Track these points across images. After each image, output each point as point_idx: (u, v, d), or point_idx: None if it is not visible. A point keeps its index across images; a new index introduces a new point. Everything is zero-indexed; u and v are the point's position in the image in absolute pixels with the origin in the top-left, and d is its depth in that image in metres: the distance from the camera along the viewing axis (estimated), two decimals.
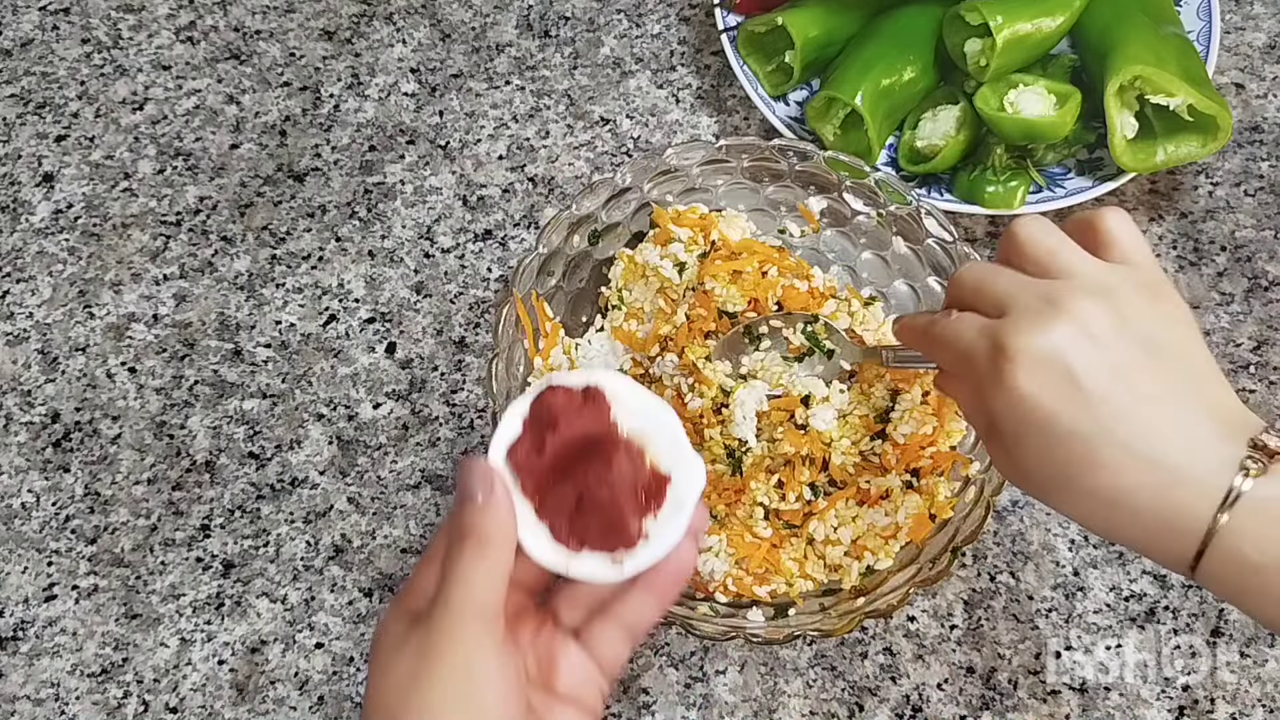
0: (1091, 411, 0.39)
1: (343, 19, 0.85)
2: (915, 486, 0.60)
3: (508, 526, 0.40)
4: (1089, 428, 0.39)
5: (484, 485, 0.40)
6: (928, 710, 0.61)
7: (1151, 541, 0.40)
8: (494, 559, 0.39)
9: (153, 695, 0.63)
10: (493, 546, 0.39)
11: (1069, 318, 0.40)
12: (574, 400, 0.43)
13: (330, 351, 0.72)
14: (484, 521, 0.39)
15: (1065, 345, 0.40)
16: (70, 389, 0.71)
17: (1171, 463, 0.39)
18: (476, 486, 0.40)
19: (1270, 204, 0.76)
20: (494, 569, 0.39)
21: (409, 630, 0.39)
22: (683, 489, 0.42)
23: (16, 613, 0.65)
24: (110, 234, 0.77)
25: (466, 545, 0.39)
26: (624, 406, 0.43)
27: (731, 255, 0.62)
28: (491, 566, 0.39)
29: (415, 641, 0.39)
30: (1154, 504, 0.39)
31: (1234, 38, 0.82)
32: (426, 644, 0.38)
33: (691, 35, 0.84)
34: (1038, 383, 0.40)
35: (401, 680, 0.38)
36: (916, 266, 0.65)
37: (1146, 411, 0.39)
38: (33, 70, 0.83)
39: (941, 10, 0.74)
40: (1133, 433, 0.39)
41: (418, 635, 0.39)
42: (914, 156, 0.74)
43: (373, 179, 0.79)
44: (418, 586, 0.41)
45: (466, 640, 0.38)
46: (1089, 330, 0.40)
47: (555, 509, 0.41)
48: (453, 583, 0.39)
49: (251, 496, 0.68)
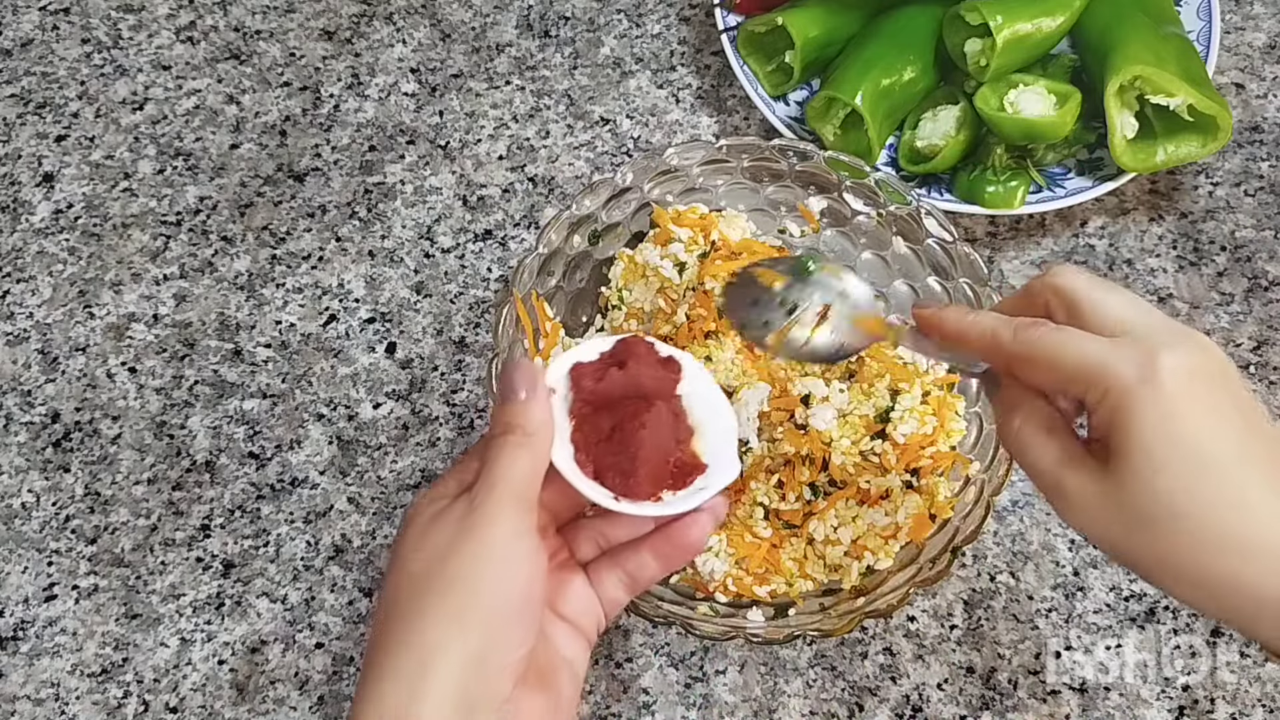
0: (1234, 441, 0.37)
1: (343, 19, 0.85)
2: (915, 486, 0.60)
3: (547, 423, 0.42)
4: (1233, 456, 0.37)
5: (527, 383, 0.42)
6: (928, 710, 0.61)
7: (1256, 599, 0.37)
8: (534, 450, 0.42)
9: (153, 695, 0.63)
10: (534, 439, 0.42)
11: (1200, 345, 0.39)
12: (652, 355, 0.46)
13: (330, 351, 0.72)
14: (527, 416, 0.42)
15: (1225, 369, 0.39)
16: (70, 389, 0.71)
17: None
18: (520, 384, 0.42)
19: (1270, 204, 0.76)
20: (534, 460, 0.42)
21: (448, 507, 0.42)
22: (711, 481, 0.45)
23: (16, 613, 0.65)
24: (110, 234, 0.77)
25: (510, 438, 0.42)
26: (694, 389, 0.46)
27: (731, 255, 0.62)
28: (532, 457, 0.42)
29: (456, 514, 0.41)
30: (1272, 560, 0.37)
31: (1234, 38, 0.82)
32: (468, 518, 0.41)
33: (691, 35, 0.84)
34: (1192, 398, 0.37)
35: (440, 547, 0.41)
36: (916, 266, 0.65)
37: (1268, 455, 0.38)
38: (33, 70, 0.83)
39: (941, 10, 0.74)
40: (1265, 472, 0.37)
41: (458, 510, 0.41)
42: (914, 156, 0.74)
43: (373, 179, 0.79)
44: (453, 478, 0.43)
45: (506, 519, 0.41)
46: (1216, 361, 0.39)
47: (588, 432, 0.44)
48: (495, 467, 0.41)
49: (251, 496, 0.68)
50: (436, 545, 0.41)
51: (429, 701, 0.39)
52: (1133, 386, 0.38)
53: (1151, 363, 0.38)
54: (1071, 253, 0.75)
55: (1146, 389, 0.38)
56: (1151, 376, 0.38)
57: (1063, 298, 0.42)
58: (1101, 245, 0.75)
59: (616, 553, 0.46)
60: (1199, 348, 0.39)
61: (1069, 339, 0.40)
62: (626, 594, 0.46)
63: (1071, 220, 0.76)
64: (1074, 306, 0.42)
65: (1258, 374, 0.70)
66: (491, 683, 0.40)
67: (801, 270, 0.49)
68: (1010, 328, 0.42)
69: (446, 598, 0.40)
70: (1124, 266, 0.74)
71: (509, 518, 0.41)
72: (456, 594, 0.40)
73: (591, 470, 0.44)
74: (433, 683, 0.39)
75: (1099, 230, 0.75)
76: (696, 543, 0.45)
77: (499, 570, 0.40)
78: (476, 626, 0.40)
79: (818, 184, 0.66)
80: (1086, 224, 0.76)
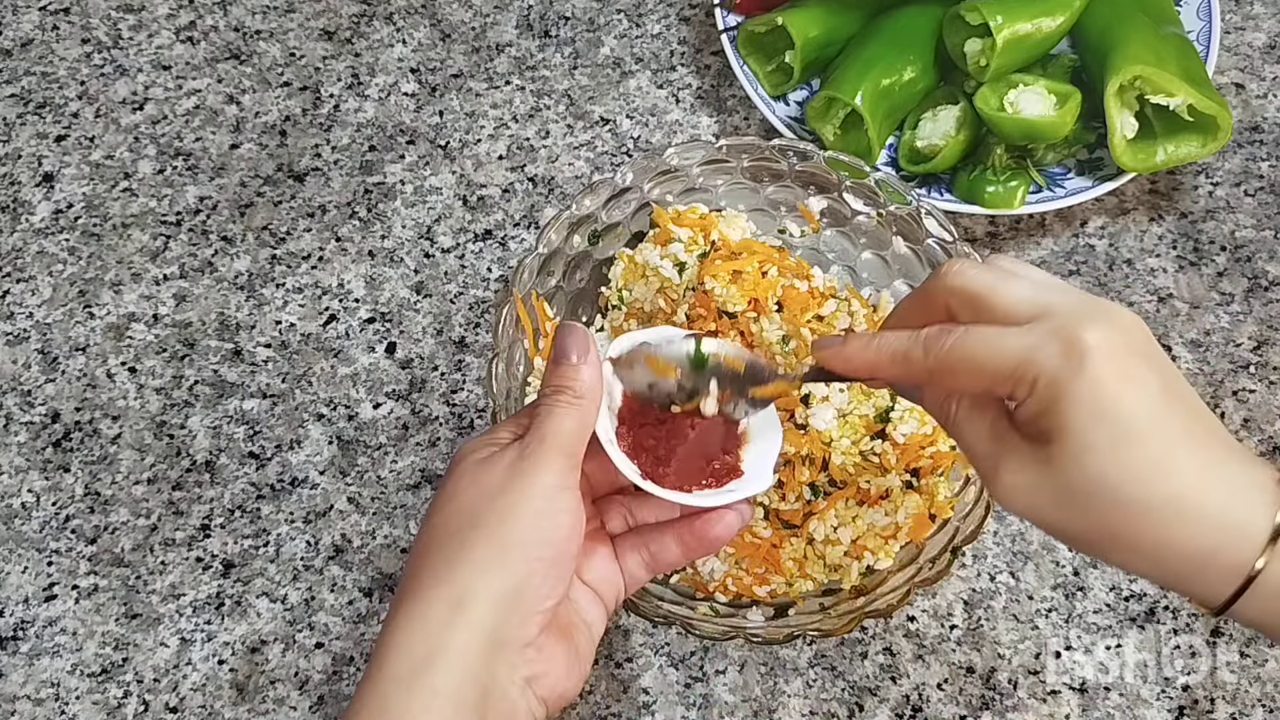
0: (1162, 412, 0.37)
1: (343, 19, 0.85)
2: (915, 486, 0.60)
3: (596, 387, 0.44)
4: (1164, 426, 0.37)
5: (579, 348, 0.44)
6: (928, 710, 0.61)
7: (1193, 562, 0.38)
8: (583, 411, 0.44)
9: (153, 695, 0.63)
10: (583, 401, 0.44)
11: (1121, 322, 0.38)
12: None
13: (330, 351, 0.72)
14: (577, 379, 0.44)
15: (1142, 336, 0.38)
16: (70, 389, 0.71)
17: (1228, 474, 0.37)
18: (572, 348, 0.44)
19: (1270, 204, 0.76)
20: (582, 420, 0.44)
21: (499, 452, 0.44)
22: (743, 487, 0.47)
23: (16, 613, 0.65)
24: (110, 234, 0.77)
25: (560, 397, 0.43)
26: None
27: (731, 255, 0.62)
28: (580, 416, 0.43)
29: (507, 460, 0.43)
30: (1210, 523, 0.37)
31: (1234, 38, 0.82)
32: (518, 464, 0.43)
33: (691, 35, 0.84)
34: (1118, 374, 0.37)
35: (490, 486, 0.42)
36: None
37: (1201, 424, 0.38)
38: (33, 70, 0.83)
39: (941, 10, 0.74)
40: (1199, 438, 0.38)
41: (510, 454, 0.43)
42: (914, 156, 0.74)
43: (373, 179, 0.79)
44: (501, 428, 0.45)
45: (553, 469, 0.42)
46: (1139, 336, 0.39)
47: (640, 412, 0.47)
48: (546, 423, 0.43)
49: (251, 496, 0.68)
50: (487, 484, 0.43)
51: (463, 631, 0.40)
52: (1058, 371, 0.37)
53: (1071, 344, 0.37)
54: (1071, 253, 0.75)
55: (1072, 371, 0.37)
56: (1074, 358, 0.37)
57: (963, 298, 0.41)
58: (1101, 245, 0.75)
59: (643, 532, 0.48)
60: (1113, 319, 0.38)
61: (983, 340, 0.39)
62: (647, 573, 0.48)
63: (1071, 220, 0.76)
64: (977, 303, 0.41)
65: (1258, 374, 0.70)
66: (523, 623, 0.41)
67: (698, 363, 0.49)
68: (920, 344, 0.41)
69: (493, 532, 0.41)
70: (1124, 266, 0.74)
71: (556, 469, 0.42)
72: (503, 529, 0.41)
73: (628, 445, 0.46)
74: (470, 613, 0.40)
75: (1099, 230, 0.75)
76: (720, 538, 0.47)
77: (543, 514, 0.42)
78: (518, 563, 0.41)
79: (818, 184, 0.66)
80: (1086, 224, 0.76)
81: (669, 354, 0.48)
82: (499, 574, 0.41)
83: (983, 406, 0.42)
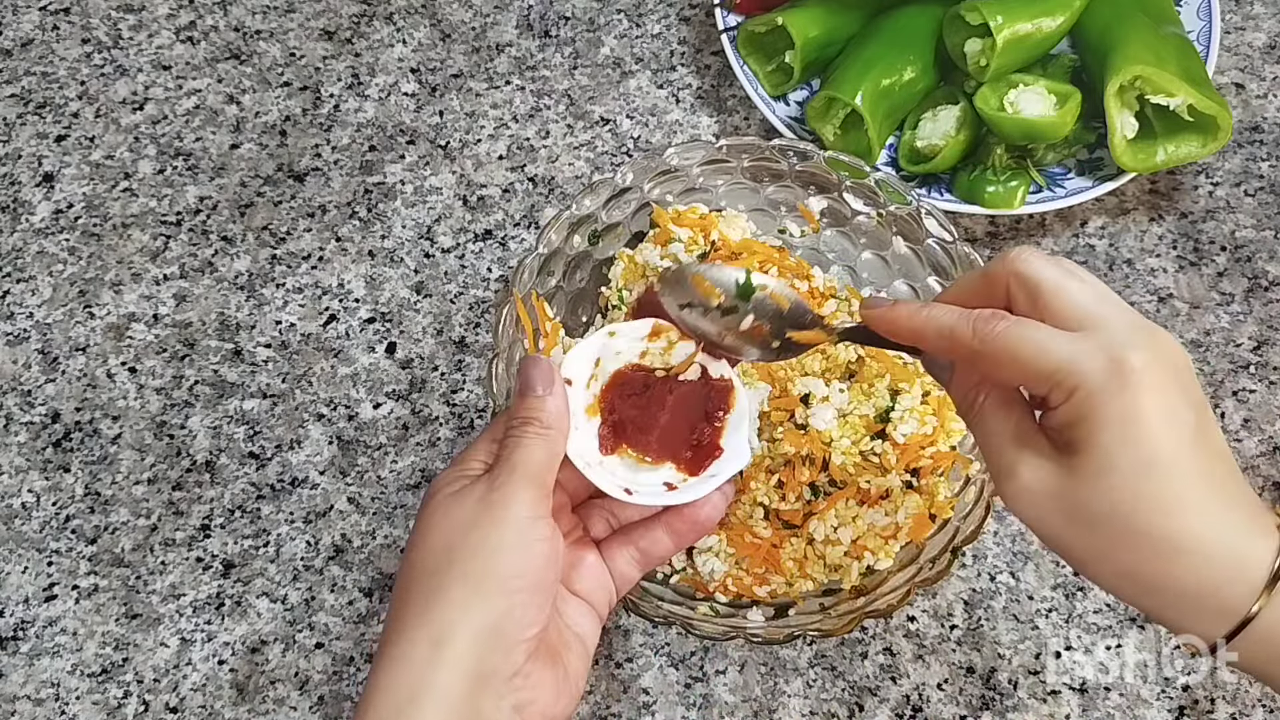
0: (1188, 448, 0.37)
1: (343, 19, 0.85)
2: (915, 486, 0.60)
3: (563, 416, 0.45)
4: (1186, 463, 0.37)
5: (544, 379, 0.45)
6: (928, 710, 0.61)
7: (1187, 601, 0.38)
8: (550, 441, 0.45)
9: (153, 695, 0.63)
10: (550, 431, 0.45)
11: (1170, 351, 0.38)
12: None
13: (330, 351, 0.72)
14: (544, 410, 0.45)
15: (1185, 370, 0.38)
16: (70, 389, 0.71)
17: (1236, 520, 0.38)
18: (538, 380, 0.45)
19: (1270, 204, 0.76)
20: (550, 450, 0.44)
21: (470, 485, 0.44)
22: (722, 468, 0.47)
23: (16, 613, 0.65)
24: (110, 234, 0.77)
25: (529, 428, 0.44)
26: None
27: (731, 255, 0.62)
28: (548, 446, 0.44)
29: (478, 492, 0.43)
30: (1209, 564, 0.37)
31: (1234, 38, 0.82)
32: (490, 496, 0.43)
33: (691, 35, 0.84)
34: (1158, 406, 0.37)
35: (461, 522, 0.43)
36: (916, 266, 0.65)
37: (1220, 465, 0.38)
38: (33, 70, 0.83)
39: (941, 10, 0.74)
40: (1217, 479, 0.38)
41: (480, 488, 0.44)
42: (914, 156, 0.74)
43: (373, 179, 0.79)
44: (472, 455, 0.46)
45: (525, 500, 0.43)
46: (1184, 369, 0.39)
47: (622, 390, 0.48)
48: (516, 451, 0.44)
49: (251, 496, 0.68)
50: (458, 520, 0.43)
51: (445, 669, 0.40)
52: (1099, 388, 0.37)
53: (1119, 364, 0.37)
54: (1071, 253, 0.75)
55: (1113, 391, 0.37)
56: (1118, 378, 0.37)
57: (1025, 285, 0.41)
58: (1101, 245, 0.75)
59: (629, 530, 0.48)
60: (1163, 348, 0.38)
61: (1033, 336, 0.39)
62: (638, 570, 0.48)
63: (1071, 220, 0.76)
64: (1037, 295, 0.40)
65: (1258, 374, 0.70)
66: (506, 655, 0.41)
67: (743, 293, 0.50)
68: (969, 323, 0.41)
69: (468, 567, 0.42)
70: (1124, 266, 0.74)
71: (527, 500, 0.43)
72: (477, 564, 0.42)
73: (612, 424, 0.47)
74: (451, 650, 0.40)
75: (1099, 230, 0.75)
76: (709, 520, 0.47)
77: (518, 546, 0.42)
78: (495, 596, 0.41)
79: (818, 184, 0.66)
80: (1086, 224, 0.76)
81: (717, 277, 0.49)
82: (478, 609, 0.41)
83: (1009, 404, 0.42)
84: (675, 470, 0.48)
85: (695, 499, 0.47)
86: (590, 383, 0.48)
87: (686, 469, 0.48)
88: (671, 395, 0.48)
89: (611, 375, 0.49)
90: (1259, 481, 0.67)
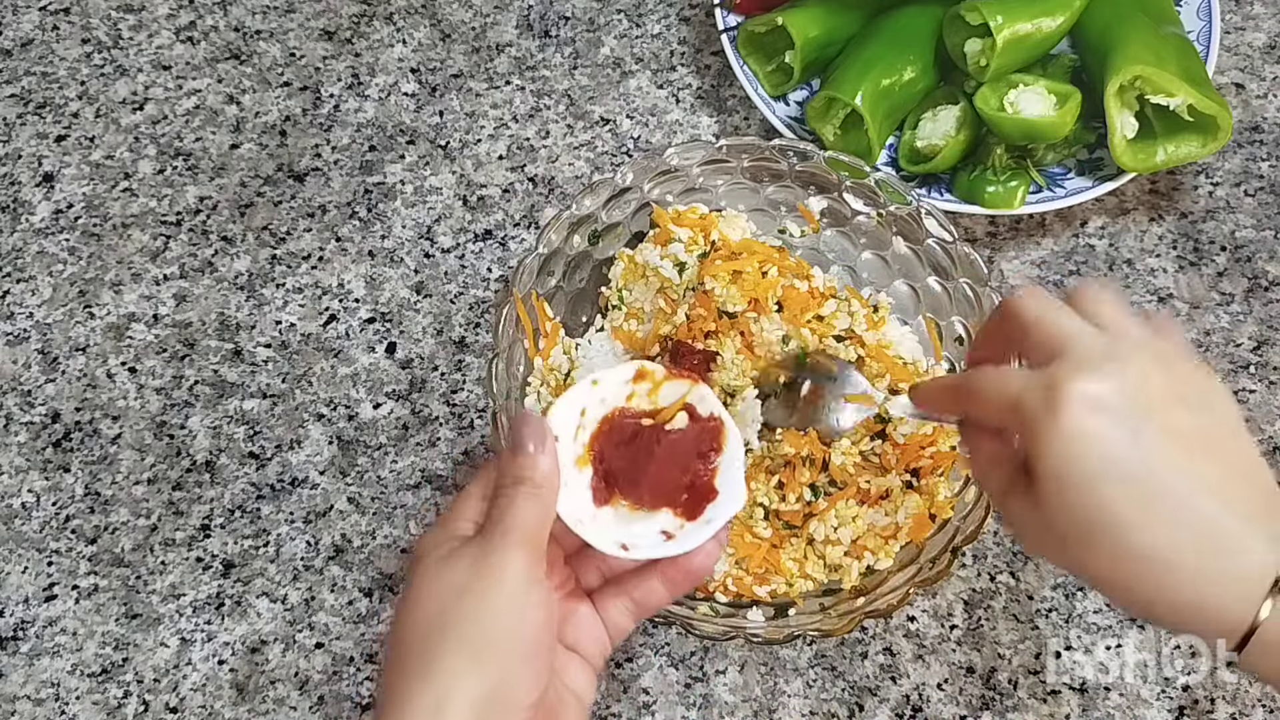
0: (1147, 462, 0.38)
1: (343, 19, 0.85)
2: (915, 486, 0.60)
3: (554, 475, 0.44)
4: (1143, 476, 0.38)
5: (536, 437, 0.44)
6: (928, 710, 0.61)
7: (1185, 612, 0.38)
8: (543, 501, 0.44)
9: (153, 695, 0.63)
10: (542, 491, 0.44)
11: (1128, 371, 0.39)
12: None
13: (330, 351, 0.72)
14: (535, 469, 0.44)
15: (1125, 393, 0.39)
16: (70, 389, 0.71)
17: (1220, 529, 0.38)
18: (529, 438, 0.44)
19: (1270, 204, 0.76)
20: (543, 509, 0.43)
21: (461, 547, 0.43)
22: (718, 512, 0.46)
23: (16, 613, 0.65)
24: (110, 234, 0.77)
25: (521, 487, 0.43)
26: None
27: (731, 255, 0.62)
28: (541, 506, 0.43)
29: (470, 556, 0.42)
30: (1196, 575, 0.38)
31: (1234, 38, 0.82)
32: (482, 560, 0.42)
33: (691, 35, 0.84)
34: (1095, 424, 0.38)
35: (454, 587, 0.42)
36: (916, 266, 0.65)
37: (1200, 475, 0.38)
38: (33, 70, 0.83)
39: (941, 10, 0.74)
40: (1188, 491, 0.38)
41: (472, 550, 0.42)
42: (914, 156, 0.74)
43: (373, 179, 0.79)
44: (460, 515, 0.45)
45: (519, 563, 0.42)
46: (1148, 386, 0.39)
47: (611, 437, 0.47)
48: (508, 512, 0.43)
49: (251, 496, 0.68)
50: (451, 585, 0.42)
51: None
52: (1038, 417, 0.39)
53: (1053, 391, 0.39)
54: (1071, 253, 0.75)
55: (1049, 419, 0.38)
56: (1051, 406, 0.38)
57: (1016, 326, 0.43)
58: (1101, 245, 0.75)
59: (622, 580, 0.47)
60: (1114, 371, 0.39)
61: (991, 377, 0.43)
62: (632, 621, 0.47)
63: (1071, 220, 0.76)
64: (1021, 331, 0.42)
65: (1258, 374, 0.70)
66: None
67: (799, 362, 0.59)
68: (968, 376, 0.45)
69: (465, 633, 0.40)
70: (1124, 266, 0.74)
71: (521, 563, 0.42)
72: (473, 631, 0.41)
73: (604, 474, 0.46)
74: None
75: (1099, 230, 0.75)
76: (702, 569, 0.46)
77: (513, 611, 0.41)
78: (492, 664, 0.40)
79: (818, 184, 0.66)
80: (1086, 224, 0.76)
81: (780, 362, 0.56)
82: (476, 678, 0.40)
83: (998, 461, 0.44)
84: (672, 516, 0.47)
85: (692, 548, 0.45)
86: (577, 432, 0.47)
87: (684, 513, 0.47)
88: (660, 444, 0.47)
89: (599, 422, 0.48)
90: None
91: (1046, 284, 0.73)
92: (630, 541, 0.45)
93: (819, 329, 0.62)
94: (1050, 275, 0.74)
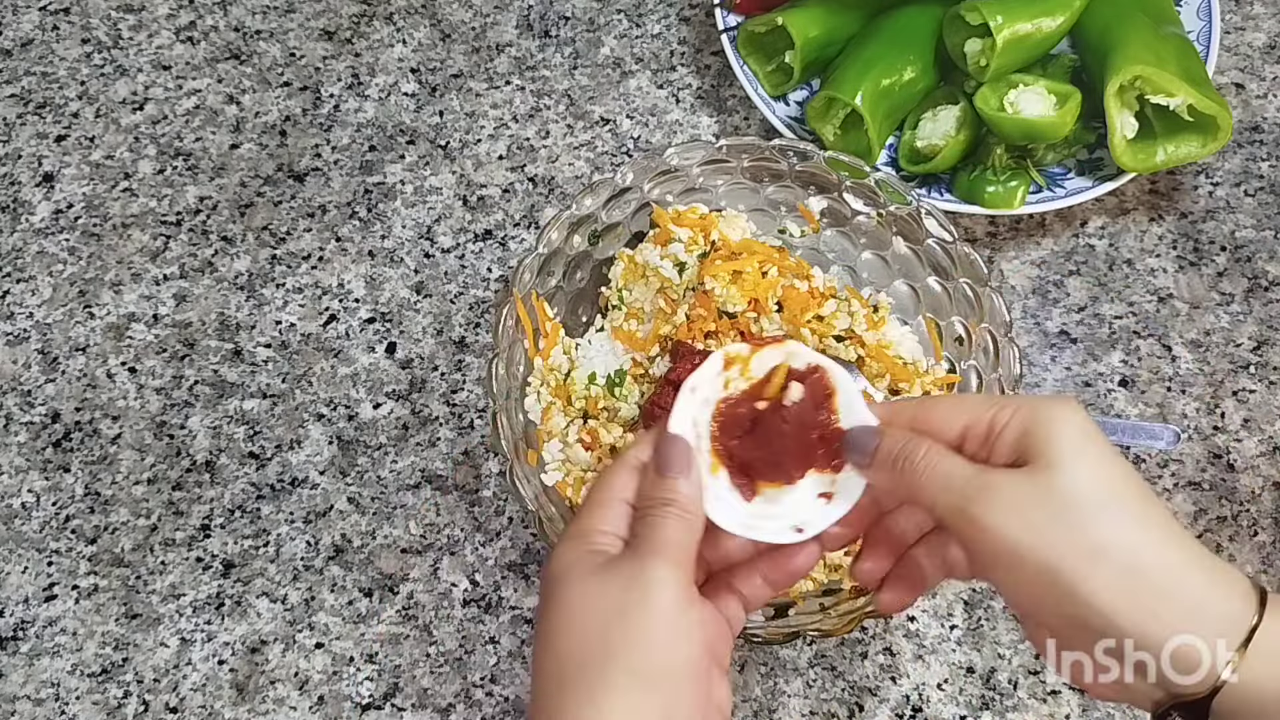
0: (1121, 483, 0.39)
1: (343, 19, 0.85)
2: None
3: (699, 499, 0.44)
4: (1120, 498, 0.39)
5: (681, 460, 0.44)
6: (928, 710, 0.61)
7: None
8: (691, 522, 0.43)
9: (153, 695, 0.63)
10: (691, 514, 0.43)
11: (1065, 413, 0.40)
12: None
13: (330, 351, 0.72)
14: (682, 491, 0.43)
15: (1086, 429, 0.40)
16: (70, 389, 0.71)
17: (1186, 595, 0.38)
18: (675, 460, 0.44)
19: (1270, 204, 0.76)
20: (692, 531, 0.43)
21: (610, 564, 0.42)
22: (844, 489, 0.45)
23: (16, 613, 0.65)
24: (110, 234, 0.77)
25: (671, 510, 0.43)
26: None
27: (731, 255, 0.62)
28: (689, 527, 0.43)
29: (624, 574, 0.41)
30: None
31: (1234, 38, 0.82)
32: (638, 579, 0.41)
33: (691, 35, 0.84)
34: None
35: (609, 612, 0.40)
36: (916, 266, 0.65)
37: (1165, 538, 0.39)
38: (33, 70, 0.83)
39: (941, 10, 0.74)
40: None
41: (625, 569, 0.41)
42: (914, 156, 0.74)
43: (373, 179, 0.79)
44: (593, 524, 0.43)
45: (677, 585, 0.41)
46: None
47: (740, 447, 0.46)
48: (659, 531, 0.42)
49: (251, 496, 0.68)
50: (608, 606, 0.41)
51: None
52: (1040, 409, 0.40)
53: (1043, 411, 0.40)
54: (1071, 253, 0.75)
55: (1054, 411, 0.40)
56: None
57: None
58: (1101, 245, 0.75)
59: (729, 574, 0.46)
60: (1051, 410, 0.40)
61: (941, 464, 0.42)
62: (744, 612, 0.46)
63: (1071, 220, 0.76)
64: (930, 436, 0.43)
65: (1258, 374, 0.70)
66: None
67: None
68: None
69: (632, 660, 0.39)
70: (1124, 266, 0.74)
71: (677, 584, 0.41)
72: (641, 656, 0.40)
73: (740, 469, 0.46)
74: None
75: (1099, 230, 0.75)
76: (802, 569, 0.46)
77: (679, 635, 0.40)
78: (665, 693, 0.39)
79: (818, 184, 0.66)
80: (1086, 224, 0.76)
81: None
82: (647, 705, 0.39)
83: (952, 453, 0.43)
84: (818, 475, 0.46)
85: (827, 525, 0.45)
86: (698, 442, 0.46)
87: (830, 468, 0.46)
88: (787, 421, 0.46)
89: (711, 424, 0.47)
90: (1259, 481, 0.67)
91: (1047, 284, 0.73)
92: (799, 520, 0.45)
93: (819, 329, 0.62)
94: (1050, 275, 0.74)
